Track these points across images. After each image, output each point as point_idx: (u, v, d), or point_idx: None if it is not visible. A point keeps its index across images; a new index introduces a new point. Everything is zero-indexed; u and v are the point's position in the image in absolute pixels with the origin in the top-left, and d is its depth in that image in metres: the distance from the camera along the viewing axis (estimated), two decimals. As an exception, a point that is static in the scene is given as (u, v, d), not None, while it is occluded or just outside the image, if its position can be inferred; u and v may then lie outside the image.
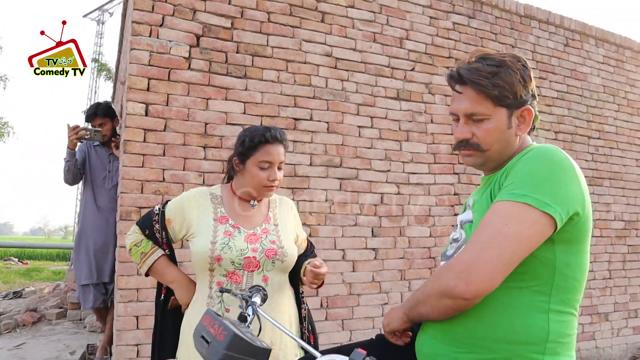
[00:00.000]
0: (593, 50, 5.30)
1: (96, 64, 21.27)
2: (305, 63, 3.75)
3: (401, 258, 3.92)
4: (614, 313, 5.01)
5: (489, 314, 1.19)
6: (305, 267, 1.87)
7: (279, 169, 1.86)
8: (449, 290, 1.14)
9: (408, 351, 1.41)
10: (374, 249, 3.85)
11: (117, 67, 6.40)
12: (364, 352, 1.08)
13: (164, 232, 1.87)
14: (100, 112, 3.98)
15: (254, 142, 1.81)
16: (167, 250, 1.91)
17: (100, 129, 3.83)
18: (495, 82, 1.23)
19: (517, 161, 1.24)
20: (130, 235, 1.92)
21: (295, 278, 1.96)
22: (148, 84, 3.27)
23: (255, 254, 1.79)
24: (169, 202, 1.93)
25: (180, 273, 1.93)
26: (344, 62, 3.89)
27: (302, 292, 2.02)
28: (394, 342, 1.44)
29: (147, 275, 1.93)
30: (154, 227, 1.88)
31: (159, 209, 1.90)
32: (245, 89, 3.53)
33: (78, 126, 3.79)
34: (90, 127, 3.93)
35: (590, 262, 4.62)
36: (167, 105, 3.30)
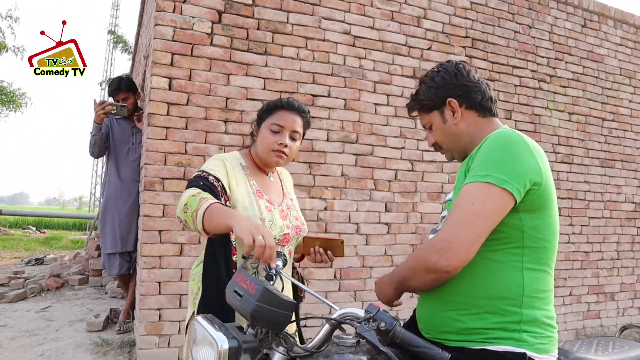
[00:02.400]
0: (611, 31, 5.28)
1: (113, 36, 21.25)
2: (324, 40, 3.82)
3: (413, 233, 4.04)
4: (620, 293, 5.10)
5: (471, 276, 1.36)
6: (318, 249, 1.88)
7: (293, 139, 1.84)
8: (432, 266, 1.31)
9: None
10: (387, 224, 3.96)
11: (136, 41, 6.48)
12: (378, 306, 1.20)
13: (221, 183, 1.68)
14: (124, 87, 4.09)
15: (269, 106, 1.87)
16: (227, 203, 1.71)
17: (126, 104, 3.95)
18: (416, 98, 1.60)
19: (479, 147, 1.42)
20: (183, 196, 1.61)
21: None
22: (172, 59, 3.36)
23: (289, 231, 1.83)
24: (205, 166, 1.75)
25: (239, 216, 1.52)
26: (362, 40, 3.95)
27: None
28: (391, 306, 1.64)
29: (205, 232, 1.55)
30: (208, 179, 1.67)
31: (200, 170, 1.72)
32: (265, 65, 3.62)
33: (105, 101, 3.92)
34: (114, 101, 4.05)
35: (599, 243, 4.65)
36: (189, 80, 3.41)
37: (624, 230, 5.14)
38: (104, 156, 4.24)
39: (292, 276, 1.96)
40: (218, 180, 1.68)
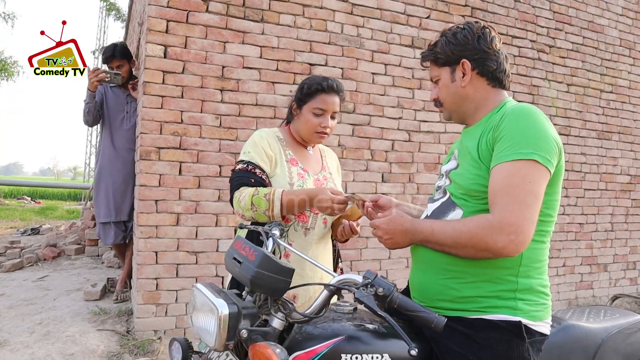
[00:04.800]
0: (612, 1, 5.21)
1: (105, 4, 20.88)
2: (321, 8, 3.75)
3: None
4: (613, 264, 5.17)
5: None
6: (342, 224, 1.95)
7: (332, 117, 1.95)
8: (497, 250, 1.26)
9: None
10: (383, 194, 3.95)
11: (130, 8, 6.35)
12: (375, 272, 1.21)
13: (265, 172, 1.86)
14: (118, 54, 4.01)
15: (311, 89, 1.91)
16: None
17: (120, 72, 3.88)
18: (432, 50, 1.56)
19: (501, 117, 1.38)
20: (242, 197, 1.80)
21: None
22: (167, 26, 3.30)
23: None
24: (244, 155, 1.90)
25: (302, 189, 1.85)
26: (359, 8, 3.88)
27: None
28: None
29: (282, 217, 1.81)
30: (256, 173, 1.84)
31: (245, 162, 1.87)
32: (262, 33, 3.55)
33: (98, 69, 3.86)
34: (108, 69, 3.98)
35: (593, 215, 4.67)
36: (185, 47, 3.35)
37: (618, 202, 5.18)
38: (99, 125, 4.19)
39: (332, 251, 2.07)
40: (262, 170, 1.86)
